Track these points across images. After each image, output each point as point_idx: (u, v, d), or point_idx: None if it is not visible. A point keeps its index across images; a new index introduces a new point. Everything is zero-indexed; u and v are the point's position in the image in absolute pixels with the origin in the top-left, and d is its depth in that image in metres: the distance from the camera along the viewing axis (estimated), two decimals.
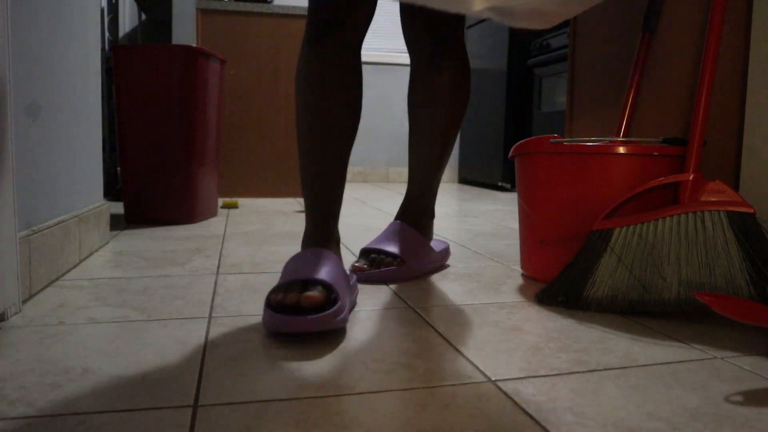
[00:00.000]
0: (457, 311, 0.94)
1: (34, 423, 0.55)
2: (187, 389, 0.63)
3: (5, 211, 0.83)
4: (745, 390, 0.65)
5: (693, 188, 0.94)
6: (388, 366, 0.70)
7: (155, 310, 0.91)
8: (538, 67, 3.29)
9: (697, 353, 0.77)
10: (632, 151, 1.01)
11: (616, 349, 0.77)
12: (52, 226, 1.06)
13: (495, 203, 2.76)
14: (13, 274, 0.86)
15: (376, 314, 0.91)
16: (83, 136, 1.31)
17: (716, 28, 1.01)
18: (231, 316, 0.88)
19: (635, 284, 0.90)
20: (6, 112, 0.82)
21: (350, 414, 0.58)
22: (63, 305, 0.93)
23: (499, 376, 0.68)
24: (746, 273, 0.84)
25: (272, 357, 0.72)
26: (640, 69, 1.21)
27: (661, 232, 0.90)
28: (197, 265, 1.24)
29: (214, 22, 2.64)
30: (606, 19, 1.39)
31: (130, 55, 1.79)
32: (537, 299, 1.00)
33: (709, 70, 1.01)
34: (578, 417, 0.58)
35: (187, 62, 1.82)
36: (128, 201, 1.84)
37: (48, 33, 1.07)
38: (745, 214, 0.87)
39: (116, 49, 1.80)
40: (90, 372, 0.67)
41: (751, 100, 1.00)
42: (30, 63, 0.98)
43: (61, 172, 1.15)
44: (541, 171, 1.09)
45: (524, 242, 1.17)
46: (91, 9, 1.37)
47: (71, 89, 1.21)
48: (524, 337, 0.82)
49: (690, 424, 0.57)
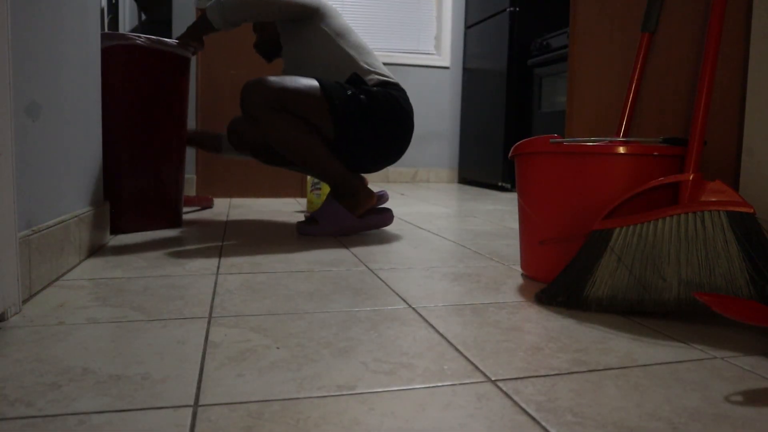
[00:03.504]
0: (457, 311, 0.94)
1: (34, 423, 0.55)
2: (187, 389, 0.63)
3: (5, 211, 0.83)
4: (745, 390, 0.65)
5: (693, 188, 0.94)
6: (388, 366, 0.70)
7: (155, 310, 0.91)
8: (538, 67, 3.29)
9: (697, 353, 0.77)
10: (632, 151, 1.01)
11: (616, 349, 0.77)
12: (52, 226, 1.06)
13: (495, 203, 2.76)
14: (13, 274, 0.86)
15: (376, 314, 0.91)
16: (83, 136, 1.31)
17: (716, 28, 1.01)
18: (231, 316, 0.88)
19: (635, 284, 0.90)
20: (6, 112, 0.82)
21: (350, 414, 0.58)
22: (63, 305, 0.93)
23: (499, 376, 0.68)
24: (746, 273, 0.84)
25: (272, 357, 0.72)
26: (640, 69, 1.21)
27: (661, 232, 0.90)
28: (197, 265, 1.24)
29: None
30: (606, 19, 1.39)
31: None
32: (537, 299, 1.00)
33: (709, 70, 1.01)
34: (578, 417, 0.58)
35: (128, 59, 1.63)
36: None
37: (48, 33, 1.07)
38: (745, 214, 0.87)
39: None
40: (90, 372, 0.67)
41: (751, 100, 1.00)
42: (30, 63, 0.98)
43: (61, 172, 1.15)
44: (541, 171, 1.09)
45: (524, 242, 1.17)
46: (91, 9, 1.37)
47: (71, 89, 1.21)
48: (524, 337, 0.82)
49: (690, 424, 0.57)
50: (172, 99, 1.75)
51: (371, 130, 1.67)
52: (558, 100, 3.11)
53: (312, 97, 1.59)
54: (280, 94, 1.55)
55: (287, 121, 1.58)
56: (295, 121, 1.59)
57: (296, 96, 1.57)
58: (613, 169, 1.02)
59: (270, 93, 1.54)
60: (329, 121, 1.62)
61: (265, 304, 0.96)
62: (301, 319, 0.88)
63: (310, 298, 0.99)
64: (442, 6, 4.18)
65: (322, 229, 1.67)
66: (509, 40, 3.43)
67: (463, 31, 4.21)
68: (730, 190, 0.91)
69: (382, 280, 1.14)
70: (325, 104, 1.60)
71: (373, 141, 1.68)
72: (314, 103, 1.60)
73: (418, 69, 4.16)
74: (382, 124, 1.67)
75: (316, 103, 1.60)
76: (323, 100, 1.60)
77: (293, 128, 1.58)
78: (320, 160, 1.63)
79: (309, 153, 1.61)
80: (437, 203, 2.70)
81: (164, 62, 1.70)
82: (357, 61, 1.73)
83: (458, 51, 4.22)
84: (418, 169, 4.22)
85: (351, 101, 1.62)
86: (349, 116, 1.62)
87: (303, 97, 1.58)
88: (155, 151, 1.71)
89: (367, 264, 1.29)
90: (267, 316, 0.89)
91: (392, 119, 1.69)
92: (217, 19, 1.66)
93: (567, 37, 3.00)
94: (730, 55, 1.08)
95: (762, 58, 0.98)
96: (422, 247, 1.51)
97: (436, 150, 4.24)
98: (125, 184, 1.65)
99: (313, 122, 1.62)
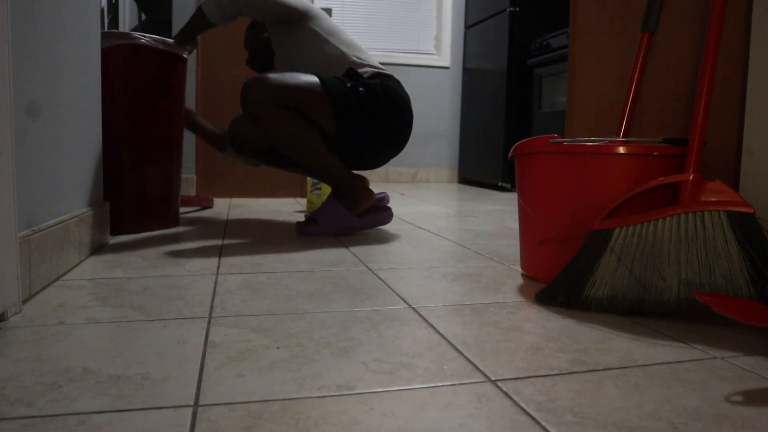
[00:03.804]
0: (457, 311, 0.94)
1: (34, 423, 0.55)
2: (187, 389, 0.63)
3: (5, 211, 0.83)
4: (745, 390, 0.65)
5: (693, 188, 0.94)
6: (388, 366, 0.70)
7: (155, 310, 0.91)
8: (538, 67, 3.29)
9: (697, 353, 0.77)
10: (632, 151, 1.01)
11: (616, 349, 0.77)
12: (52, 226, 1.06)
13: (495, 203, 2.76)
14: (13, 274, 0.86)
15: (376, 314, 0.91)
16: (83, 136, 1.31)
17: (716, 28, 1.01)
18: (231, 316, 0.88)
19: (635, 284, 0.90)
20: (6, 112, 0.82)
21: (350, 414, 0.58)
22: (63, 305, 0.93)
23: (499, 376, 0.68)
24: (746, 273, 0.84)
25: (272, 357, 0.72)
26: (640, 69, 1.21)
27: (661, 232, 0.90)
28: (197, 265, 1.24)
29: None
30: (606, 19, 1.39)
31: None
32: (537, 299, 1.00)
33: (709, 70, 1.01)
34: (578, 417, 0.58)
35: (130, 58, 1.63)
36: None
37: (48, 33, 1.07)
38: (745, 214, 0.87)
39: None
40: (90, 372, 0.67)
41: (751, 100, 1.00)
42: (30, 63, 0.98)
43: (61, 172, 1.15)
44: (541, 171, 1.09)
45: (524, 242, 1.17)
46: (91, 9, 1.37)
47: (71, 89, 1.21)
48: (524, 337, 0.82)
49: (690, 424, 0.57)
50: (169, 98, 1.75)
51: (372, 122, 1.67)
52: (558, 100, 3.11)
53: (312, 93, 1.59)
54: (281, 91, 1.55)
55: (288, 118, 1.58)
56: (297, 119, 1.59)
57: (297, 92, 1.57)
58: (613, 169, 1.02)
59: (271, 90, 1.55)
60: (330, 115, 1.63)
61: (265, 304, 0.96)
62: (301, 319, 0.88)
63: (310, 298, 0.99)
64: (442, 6, 4.18)
65: (321, 228, 1.67)
66: (509, 40, 3.43)
67: (463, 31, 4.21)
68: (730, 190, 0.91)
69: (382, 280, 1.14)
70: (326, 99, 1.61)
71: (373, 133, 1.69)
72: (315, 98, 1.60)
73: (418, 69, 4.16)
74: (382, 115, 1.68)
75: (316, 98, 1.60)
76: (323, 95, 1.61)
77: (294, 125, 1.59)
78: (320, 156, 1.63)
79: (309, 150, 1.62)
80: (437, 203, 2.70)
81: (161, 61, 1.70)
82: (349, 56, 1.74)
83: (458, 51, 4.22)
84: (418, 169, 4.21)
85: (350, 94, 1.63)
86: (348, 109, 1.63)
87: (303, 93, 1.58)
88: (153, 151, 1.71)
89: (367, 264, 1.29)
90: (267, 316, 0.89)
91: (391, 110, 1.70)
92: (214, 12, 1.66)
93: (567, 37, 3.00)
94: (730, 55, 1.08)
95: (762, 58, 0.98)
96: (422, 247, 1.51)
97: (436, 150, 4.24)
98: (124, 184, 1.65)
99: (314, 118, 1.62)
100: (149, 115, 1.69)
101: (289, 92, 1.56)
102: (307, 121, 1.61)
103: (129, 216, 1.67)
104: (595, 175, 1.03)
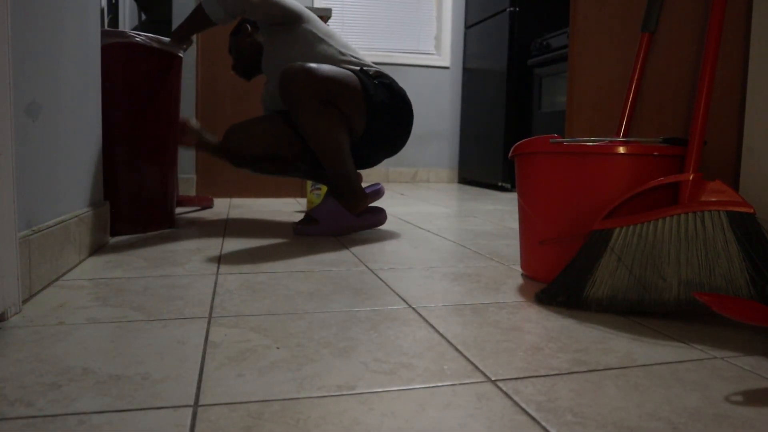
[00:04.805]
0: (457, 311, 0.94)
1: (34, 423, 0.55)
2: (187, 389, 0.63)
3: (5, 211, 0.83)
4: (745, 390, 0.65)
5: (693, 188, 0.94)
6: (388, 366, 0.70)
7: (155, 310, 0.91)
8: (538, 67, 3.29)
9: (697, 353, 0.77)
10: (632, 151, 1.01)
11: (616, 349, 0.77)
12: (52, 226, 1.06)
13: (495, 203, 2.76)
14: (13, 274, 0.86)
15: (376, 314, 0.91)
16: (83, 135, 1.31)
17: (716, 28, 1.01)
18: (231, 316, 0.88)
19: (635, 284, 0.90)
20: (6, 112, 0.82)
21: (350, 414, 0.58)
22: (63, 305, 0.93)
23: (499, 376, 0.68)
24: (746, 273, 0.84)
25: (272, 357, 0.72)
26: (640, 69, 1.21)
27: (661, 232, 0.90)
28: (197, 265, 1.24)
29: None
30: (606, 19, 1.39)
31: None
32: (537, 299, 1.00)
33: (709, 70, 1.01)
34: (578, 417, 0.58)
35: (127, 58, 1.63)
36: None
37: (48, 33, 1.07)
38: (745, 214, 0.87)
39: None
40: (90, 372, 0.67)
41: (751, 100, 1.00)
42: (30, 63, 0.98)
43: (61, 172, 1.15)
44: (541, 171, 1.09)
45: (524, 242, 1.17)
46: (91, 9, 1.37)
47: (71, 89, 1.21)
48: (524, 337, 0.82)
49: (690, 424, 0.57)
50: (164, 97, 1.75)
51: (392, 120, 1.68)
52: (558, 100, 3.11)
53: (352, 89, 1.59)
54: (324, 83, 1.54)
55: (329, 113, 1.57)
56: (336, 115, 1.58)
57: (340, 86, 1.56)
58: (613, 169, 1.02)
59: (316, 83, 1.53)
60: (363, 111, 1.62)
61: (265, 304, 0.96)
62: (301, 319, 0.88)
63: (310, 298, 0.99)
64: (442, 6, 4.18)
65: (322, 229, 1.67)
66: (509, 40, 3.43)
67: (463, 31, 4.21)
68: (730, 190, 0.91)
69: (382, 280, 1.14)
70: (362, 95, 1.61)
71: (390, 132, 1.70)
72: (353, 94, 1.60)
73: (418, 69, 4.16)
74: (396, 113, 1.69)
75: (355, 94, 1.60)
76: (361, 91, 1.61)
77: (332, 121, 1.58)
78: (343, 155, 1.62)
79: (338, 148, 1.60)
80: (437, 203, 2.70)
81: (156, 60, 1.70)
82: (347, 55, 1.74)
83: (458, 51, 4.22)
84: (418, 169, 4.21)
85: (379, 91, 1.64)
86: (379, 106, 1.63)
87: (344, 87, 1.58)
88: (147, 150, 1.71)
89: (367, 264, 1.29)
90: (267, 316, 0.89)
91: (401, 108, 1.71)
92: (216, 11, 1.65)
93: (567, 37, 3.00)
94: (730, 55, 1.08)
95: (762, 58, 0.98)
96: (422, 247, 1.51)
97: (436, 150, 4.24)
98: (122, 185, 1.65)
99: (348, 114, 1.61)
100: (144, 113, 1.68)
101: (333, 86, 1.55)
102: (343, 117, 1.61)
103: (122, 217, 1.65)
104: (595, 175, 1.03)
